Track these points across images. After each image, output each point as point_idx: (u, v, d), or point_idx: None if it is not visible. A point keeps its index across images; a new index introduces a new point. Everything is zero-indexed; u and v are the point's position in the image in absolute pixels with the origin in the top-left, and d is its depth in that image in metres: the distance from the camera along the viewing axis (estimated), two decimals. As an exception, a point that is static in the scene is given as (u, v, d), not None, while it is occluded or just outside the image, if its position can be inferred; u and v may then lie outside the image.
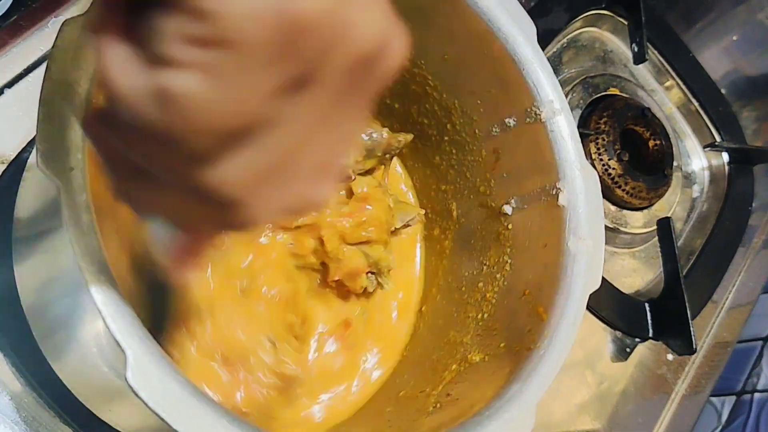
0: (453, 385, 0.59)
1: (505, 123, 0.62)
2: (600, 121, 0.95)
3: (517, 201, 0.63)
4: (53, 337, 0.54)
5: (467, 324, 0.63)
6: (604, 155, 0.94)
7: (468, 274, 0.67)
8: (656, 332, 0.91)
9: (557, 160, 0.58)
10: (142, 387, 0.37)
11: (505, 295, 0.61)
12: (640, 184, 0.95)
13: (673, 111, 1.10)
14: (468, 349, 0.61)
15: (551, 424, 0.84)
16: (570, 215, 0.57)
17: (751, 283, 1.04)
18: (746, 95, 1.17)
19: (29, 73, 0.64)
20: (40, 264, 0.52)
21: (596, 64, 1.05)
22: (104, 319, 0.37)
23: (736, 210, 1.07)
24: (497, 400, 0.50)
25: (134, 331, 0.37)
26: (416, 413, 0.58)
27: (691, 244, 1.04)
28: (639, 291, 0.97)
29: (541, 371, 0.52)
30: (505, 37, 0.58)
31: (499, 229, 0.64)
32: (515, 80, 0.59)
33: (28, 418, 0.57)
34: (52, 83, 0.38)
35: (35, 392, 0.57)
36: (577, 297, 0.55)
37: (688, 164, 1.10)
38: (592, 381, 0.88)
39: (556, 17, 0.98)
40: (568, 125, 0.59)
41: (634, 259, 0.98)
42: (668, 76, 1.10)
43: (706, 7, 1.19)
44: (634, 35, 1.04)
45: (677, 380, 0.94)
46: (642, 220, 0.97)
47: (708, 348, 0.98)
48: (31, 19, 0.65)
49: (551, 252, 0.58)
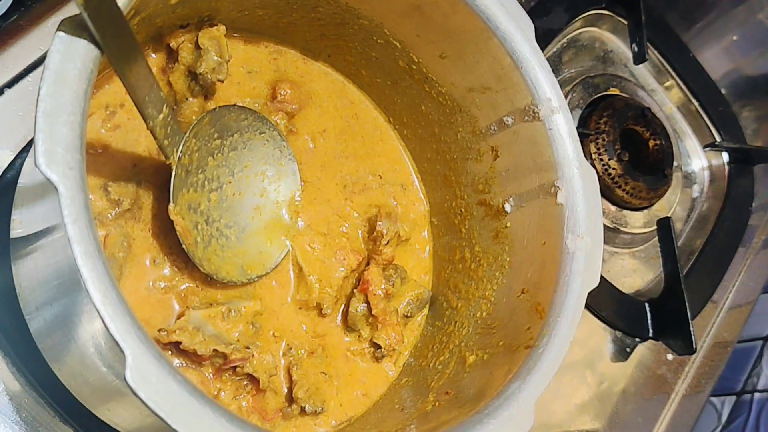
0: (451, 383, 0.59)
1: (504, 121, 0.62)
2: (600, 121, 0.95)
3: (516, 199, 0.63)
4: (52, 337, 0.54)
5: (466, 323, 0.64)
6: (604, 155, 0.94)
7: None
8: (656, 332, 0.91)
9: (555, 158, 0.58)
10: (141, 387, 0.37)
11: (504, 293, 0.62)
12: (640, 184, 0.95)
13: (673, 111, 1.10)
14: (466, 347, 0.61)
15: (551, 424, 0.84)
16: (568, 213, 0.57)
17: (751, 283, 1.04)
18: (746, 95, 1.18)
19: (29, 73, 0.65)
20: (39, 264, 0.52)
21: (596, 64, 1.05)
22: (103, 320, 0.37)
23: (736, 210, 1.07)
24: (496, 398, 0.50)
25: (133, 332, 0.37)
26: (415, 411, 0.58)
27: (691, 244, 1.04)
28: (639, 291, 0.97)
29: (541, 369, 0.52)
30: (503, 35, 0.58)
31: (498, 228, 0.64)
32: (513, 78, 0.59)
33: (28, 418, 0.57)
34: (51, 83, 0.38)
35: (35, 392, 0.57)
36: (575, 295, 0.55)
37: (688, 164, 1.10)
38: (592, 381, 0.88)
39: (556, 17, 0.98)
40: (567, 123, 0.59)
41: (634, 259, 0.98)
42: (668, 76, 1.10)
43: (706, 7, 1.19)
44: (634, 35, 1.04)
45: (677, 380, 0.94)
46: (642, 220, 0.98)
47: (708, 348, 0.98)
48: (31, 19, 0.65)
49: (550, 250, 0.58)
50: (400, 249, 0.69)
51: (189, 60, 0.58)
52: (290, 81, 0.67)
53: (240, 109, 0.60)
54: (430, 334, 0.68)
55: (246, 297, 0.60)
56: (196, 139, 0.55)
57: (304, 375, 0.60)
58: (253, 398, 0.58)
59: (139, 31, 0.52)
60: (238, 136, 0.59)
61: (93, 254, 0.37)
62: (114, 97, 0.57)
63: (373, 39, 0.65)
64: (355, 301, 0.64)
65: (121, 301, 0.38)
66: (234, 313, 0.57)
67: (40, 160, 0.37)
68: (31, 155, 0.59)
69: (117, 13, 0.42)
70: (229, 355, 0.54)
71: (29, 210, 0.54)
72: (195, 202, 0.56)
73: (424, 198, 0.73)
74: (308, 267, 0.63)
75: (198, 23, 0.59)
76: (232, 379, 0.56)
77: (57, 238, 0.48)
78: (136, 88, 0.46)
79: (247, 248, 0.60)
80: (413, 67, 0.66)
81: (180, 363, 0.55)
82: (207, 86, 0.59)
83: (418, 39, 0.63)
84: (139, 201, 0.56)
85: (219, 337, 0.55)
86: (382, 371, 0.66)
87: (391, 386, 0.65)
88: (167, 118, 0.50)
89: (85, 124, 0.39)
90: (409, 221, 0.71)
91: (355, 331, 0.64)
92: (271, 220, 0.62)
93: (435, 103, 0.67)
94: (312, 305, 0.63)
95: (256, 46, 0.66)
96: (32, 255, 0.53)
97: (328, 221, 0.66)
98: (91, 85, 0.40)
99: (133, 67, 0.45)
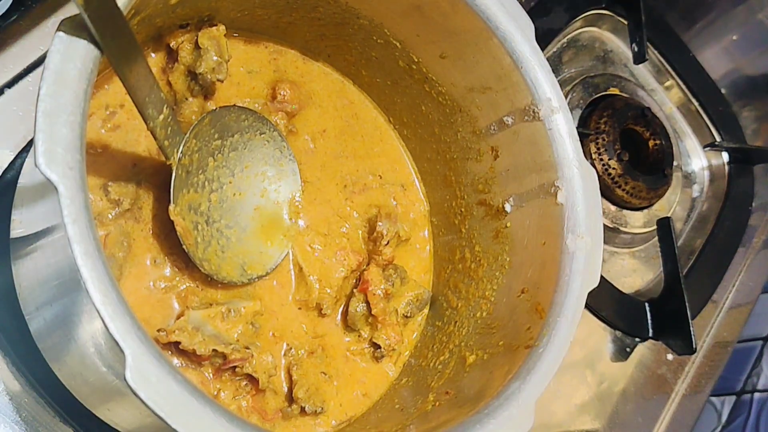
0: (451, 383, 0.59)
1: (504, 121, 0.62)
2: (600, 120, 0.95)
3: (516, 199, 0.63)
4: (52, 337, 0.54)
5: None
6: (604, 155, 0.94)
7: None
8: (656, 332, 0.91)
9: (555, 158, 0.58)
10: (141, 387, 0.37)
11: (504, 293, 0.62)
12: (640, 183, 0.95)
13: (673, 111, 1.10)
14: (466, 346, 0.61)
15: (551, 424, 0.84)
16: (568, 213, 0.57)
17: (751, 282, 1.05)
18: (746, 95, 1.18)
19: (29, 73, 0.65)
20: (39, 264, 0.52)
21: (596, 63, 1.05)
22: (103, 320, 0.37)
23: (736, 210, 1.07)
24: (496, 398, 0.50)
25: (133, 332, 0.37)
26: (415, 411, 0.58)
27: (691, 243, 1.04)
28: (639, 291, 0.97)
29: (541, 369, 0.52)
30: (503, 35, 0.58)
31: (498, 227, 0.64)
32: (513, 78, 0.59)
33: (28, 418, 0.57)
34: (51, 83, 0.38)
35: (35, 392, 0.57)
36: (575, 294, 0.55)
37: (688, 164, 1.10)
38: (592, 381, 0.88)
39: (556, 17, 0.98)
40: (566, 123, 0.59)
41: (634, 258, 0.98)
42: (668, 75, 1.11)
43: (706, 7, 1.19)
44: (634, 35, 1.04)
45: (677, 380, 0.94)
46: (642, 220, 0.98)
47: (708, 348, 0.98)
48: (31, 19, 0.65)
49: (550, 250, 0.58)
50: (400, 249, 0.69)
51: (189, 60, 0.58)
52: (290, 81, 0.67)
53: (240, 110, 0.60)
54: (430, 334, 0.68)
55: (246, 297, 0.60)
56: (197, 140, 0.55)
57: (304, 375, 0.60)
58: (252, 398, 0.58)
59: (139, 31, 0.52)
60: (239, 136, 0.59)
61: (93, 254, 0.37)
62: (114, 98, 0.57)
63: (373, 39, 0.65)
64: (355, 301, 0.64)
65: (121, 301, 0.38)
66: (234, 314, 0.57)
67: (40, 160, 0.37)
68: (31, 155, 0.59)
69: (117, 13, 0.42)
70: (229, 356, 0.54)
71: (29, 210, 0.54)
72: (195, 202, 0.56)
73: (424, 198, 0.73)
74: (308, 267, 0.63)
75: (198, 23, 0.59)
76: (232, 379, 0.56)
77: (57, 238, 0.48)
78: (136, 89, 0.46)
79: (247, 249, 0.60)
80: (413, 67, 0.66)
81: (179, 363, 0.55)
82: (207, 86, 0.59)
83: (418, 39, 0.63)
84: (139, 201, 0.56)
85: (218, 338, 0.55)
86: (382, 371, 0.66)
87: (391, 386, 0.65)
88: (167, 119, 0.50)
89: (85, 124, 0.39)
90: (409, 221, 0.71)
91: (354, 331, 0.64)
92: (272, 220, 0.62)
93: (435, 103, 0.67)
94: (312, 305, 0.63)
95: (255, 46, 0.66)
96: (32, 255, 0.53)
97: (328, 221, 0.66)
98: (91, 85, 0.40)
99: (133, 68, 0.45)
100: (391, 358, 0.66)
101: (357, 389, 0.64)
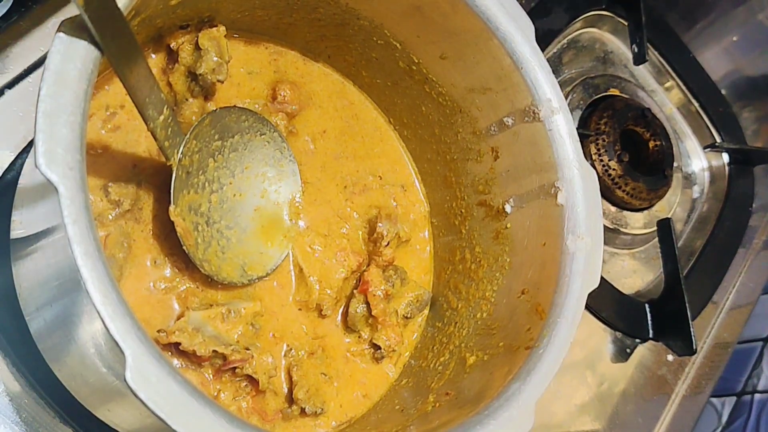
0: (452, 384, 0.59)
1: (504, 122, 0.62)
2: (600, 121, 0.95)
3: (516, 200, 0.63)
4: (52, 337, 0.54)
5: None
6: (604, 156, 0.94)
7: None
8: (656, 333, 0.91)
9: (556, 158, 0.58)
10: (141, 387, 0.37)
11: (504, 294, 0.62)
12: (640, 184, 0.95)
13: (674, 112, 1.10)
14: (466, 347, 0.61)
15: (552, 425, 0.84)
16: (568, 214, 0.57)
17: (752, 283, 1.05)
18: (746, 96, 1.18)
19: (29, 73, 0.65)
20: (39, 265, 0.52)
21: (596, 64, 1.05)
22: (103, 320, 0.37)
23: (737, 211, 1.07)
24: (496, 399, 0.50)
25: (133, 332, 0.37)
26: (415, 412, 0.58)
27: (691, 244, 1.04)
28: (639, 291, 0.97)
29: (541, 369, 0.52)
30: (503, 35, 0.58)
31: (498, 228, 0.64)
32: (513, 79, 0.59)
33: (28, 418, 0.57)
34: (51, 83, 0.39)
35: (35, 393, 0.57)
36: (575, 295, 0.55)
37: (688, 165, 1.10)
38: (592, 382, 0.88)
39: (556, 18, 0.98)
40: (567, 124, 0.59)
41: (635, 259, 0.98)
42: (668, 76, 1.11)
43: (706, 7, 1.19)
44: (635, 36, 1.04)
45: (677, 381, 0.94)
46: (642, 221, 0.98)
47: (708, 349, 0.98)
48: (32, 20, 0.66)
49: (550, 250, 0.58)
50: (400, 250, 0.69)
51: (189, 61, 0.58)
52: (290, 82, 0.67)
53: (240, 111, 0.60)
54: (430, 335, 0.68)
55: (246, 298, 0.60)
56: (197, 141, 0.55)
57: (304, 376, 0.60)
58: (252, 399, 0.58)
59: (139, 32, 0.52)
60: (239, 137, 0.59)
61: (93, 255, 0.37)
62: (114, 98, 0.57)
63: (373, 40, 0.65)
64: (355, 302, 0.64)
65: (121, 302, 0.38)
66: (234, 314, 0.57)
67: (40, 161, 0.37)
68: (31, 156, 0.59)
69: (117, 14, 0.42)
70: (229, 356, 0.54)
71: (29, 211, 0.54)
72: (196, 203, 0.56)
73: (424, 199, 0.73)
74: (309, 268, 0.63)
75: (198, 24, 0.59)
76: (232, 380, 0.56)
77: (57, 238, 0.48)
78: (136, 90, 0.46)
79: (247, 249, 0.60)
80: (413, 68, 0.66)
81: (179, 364, 0.55)
82: (207, 87, 0.59)
83: (418, 40, 0.63)
84: (139, 202, 0.56)
85: (218, 338, 0.55)
86: (382, 372, 0.66)
87: (391, 387, 0.65)
88: (168, 120, 0.50)
89: (85, 124, 0.39)
90: (409, 222, 0.71)
91: (355, 332, 0.64)
92: (272, 221, 0.62)
93: (435, 103, 0.67)
94: (312, 306, 0.63)
95: (256, 46, 0.66)
96: (32, 256, 0.53)
97: (328, 222, 0.66)
98: (91, 86, 0.40)
99: (133, 68, 0.45)
100: (391, 359, 0.66)
101: (357, 390, 0.64)
